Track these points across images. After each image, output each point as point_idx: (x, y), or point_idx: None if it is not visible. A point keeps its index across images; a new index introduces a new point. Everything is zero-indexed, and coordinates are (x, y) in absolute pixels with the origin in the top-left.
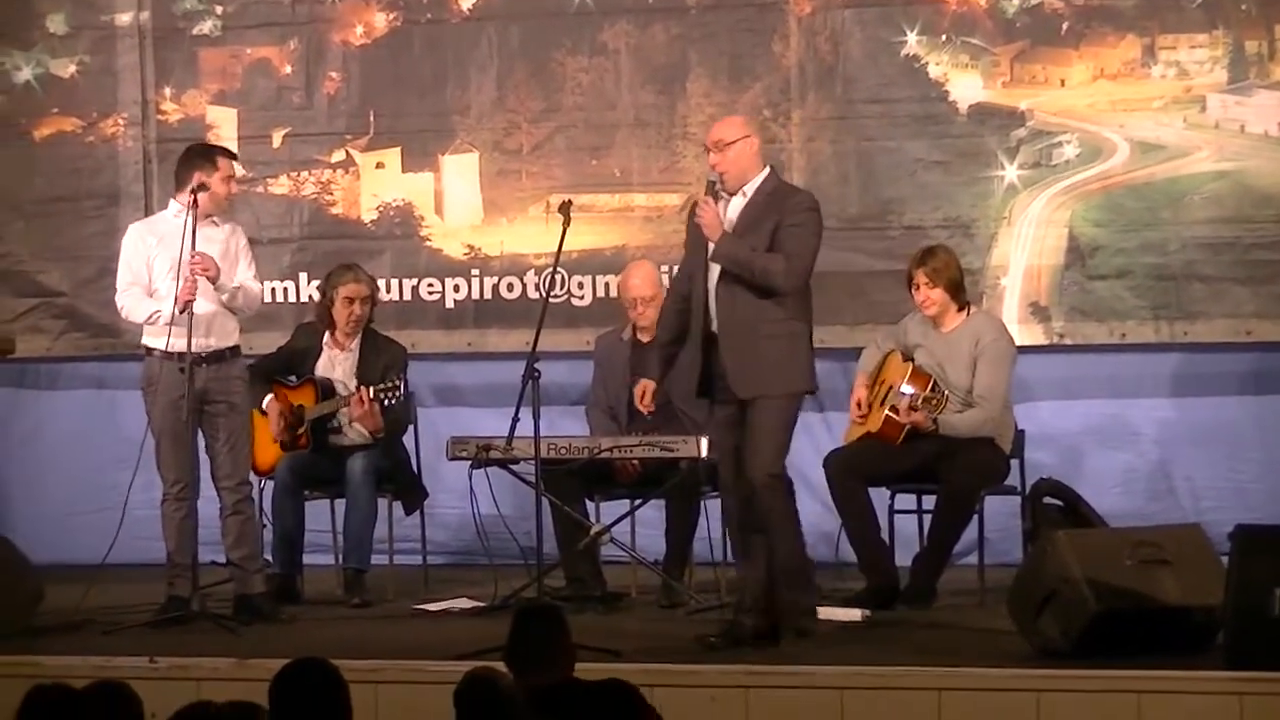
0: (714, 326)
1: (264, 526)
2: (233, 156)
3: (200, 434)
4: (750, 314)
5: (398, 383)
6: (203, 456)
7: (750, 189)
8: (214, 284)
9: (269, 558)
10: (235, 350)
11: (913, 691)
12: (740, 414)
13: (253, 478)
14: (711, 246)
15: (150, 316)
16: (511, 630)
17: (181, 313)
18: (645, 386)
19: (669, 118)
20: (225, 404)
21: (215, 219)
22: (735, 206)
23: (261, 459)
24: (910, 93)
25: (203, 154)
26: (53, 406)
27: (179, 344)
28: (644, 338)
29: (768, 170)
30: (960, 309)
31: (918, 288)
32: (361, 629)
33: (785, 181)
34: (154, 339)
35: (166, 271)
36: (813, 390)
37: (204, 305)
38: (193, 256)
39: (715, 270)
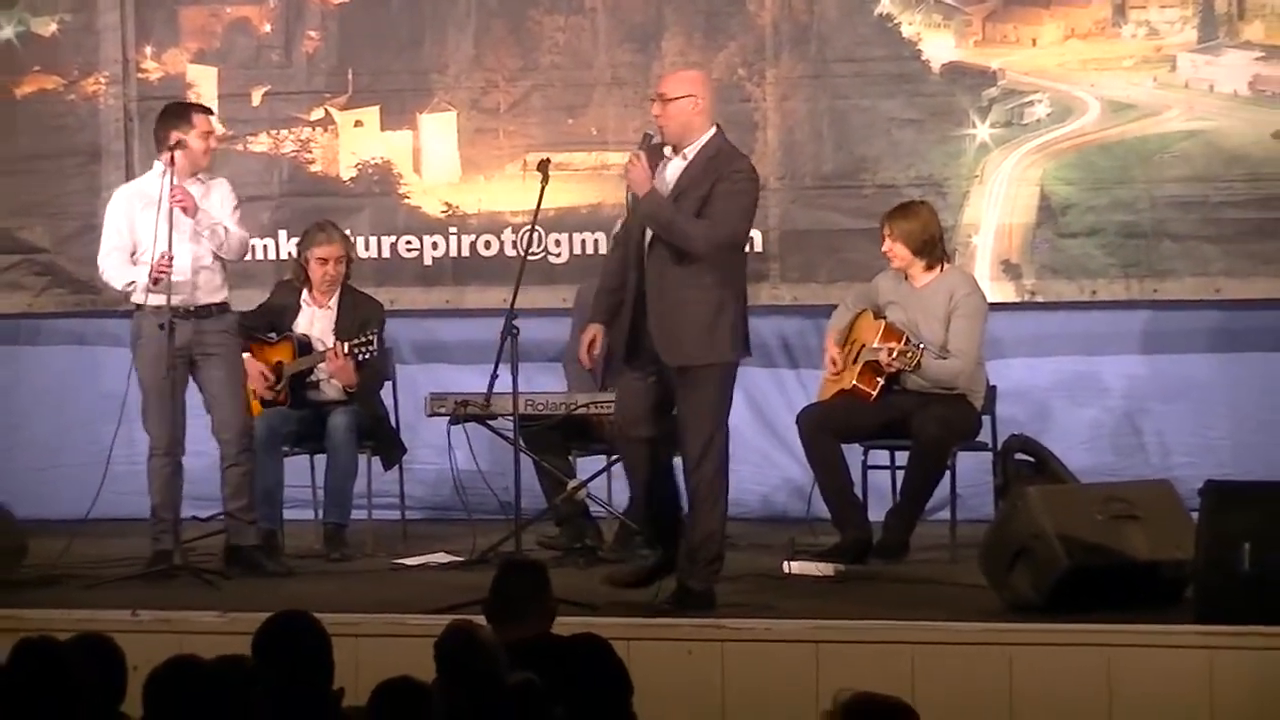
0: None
1: None
2: (209, 112)
3: (198, 389)
4: (675, 279)
5: (371, 337)
6: (198, 411)
7: (691, 151)
8: (192, 217)
9: None
10: (223, 306)
11: (886, 645)
12: (661, 382)
13: None
14: (640, 202)
15: (127, 285)
16: (494, 583)
17: (155, 284)
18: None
19: (645, 77)
20: (216, 357)
21: (200, 176)
22: (675, 168)
23: None
24: (883, 52)
25: (178, 113)
26: (34, 362)
27: (158, 300)
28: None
29: (713, 131)
30: (931, 265)
31: (884, 240)
32: (342, 583)
33: (730, 145)
34: (141, 296)
35: (146, 229)
36: (738, 360)
37: (189, 261)
38: (173, 191)
39: (650, 232)
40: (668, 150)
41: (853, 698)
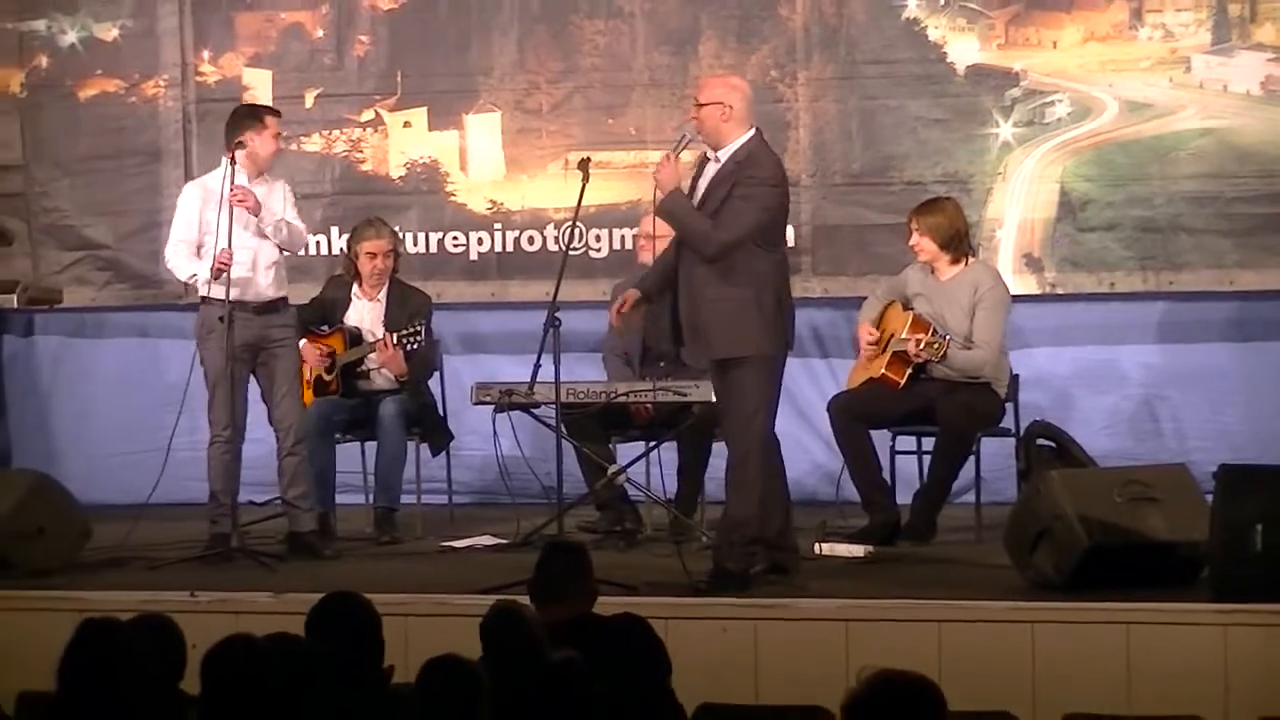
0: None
1: None
2: (278, 115)
3: (256, 380)
4: (701, 277)
5: (419, 328)
6: (255, 401)
7: (725, 154)
8: (255, 215)
9: None
10: (285, 301)
11: (914, 623)
12: (717, 371)
13: None
14: (660, 200)
15: (189, 277)
16: (538, 565)
17: (216, 279)
18: (630, 296)
19: (681, 78)
20: (278, 352)
21: (266, 175)
22: (709, 172)
23: None
24: (910, 54)
25: (251, 114)
26: (98, 354)
27: (231, 293)
28: (616, 321)
29: (749, 135)
30: (957, 259)
31: (911, 235)
32: (392, 565)
33: (761, 149)
34: (204, 290)
35: (215, 226)
36: (776, 353)
37: (250, 257)
38: (233, 190)
39: None
40: (709, 152)
41: (877, 675)
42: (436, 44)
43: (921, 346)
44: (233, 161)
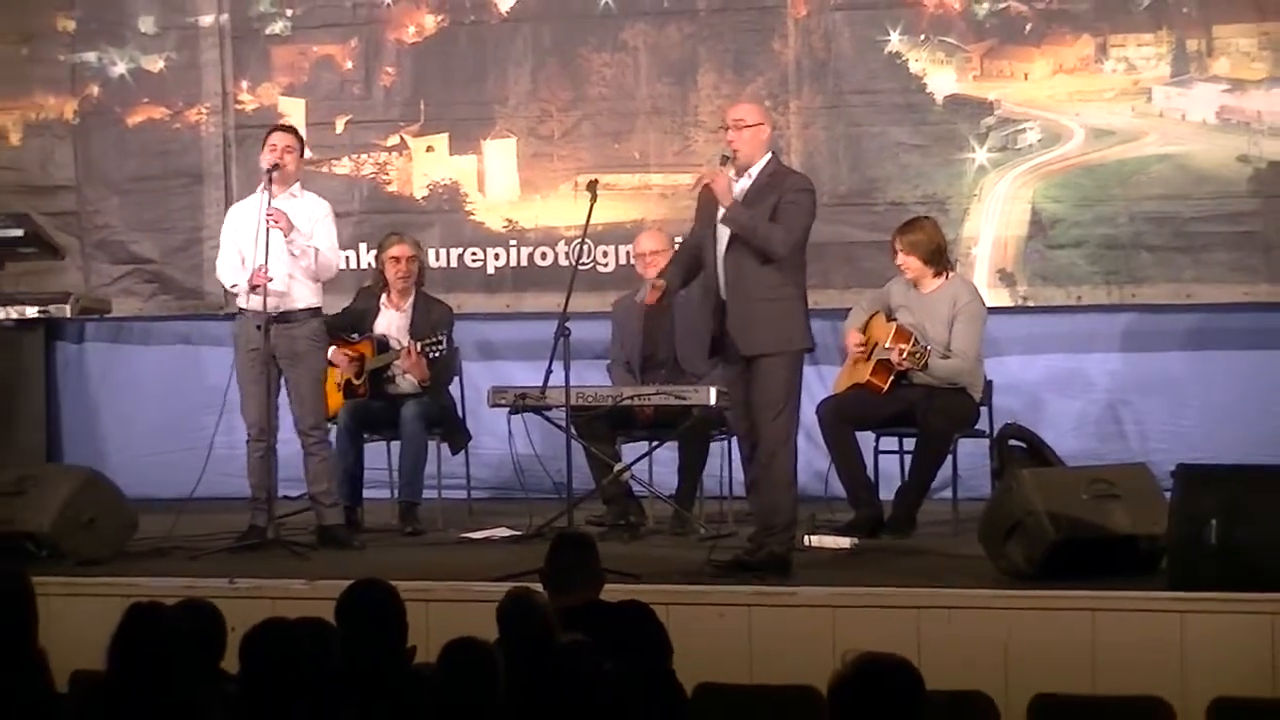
0: (724, 294)
1: None
2: (281, 129)
3: (283, 385)
4: (751, 280)
5: (440, 338)
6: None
7: (755, 170)
8: (286, 235)
9: None
10: (312, 311)
11: (895, 610)
12: (747, 371)
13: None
14: (722, 211)
15: (233, 286)
16: (549, 555)
17: (251, 291)
18: (657, 285)
19: (682, 107)
20: (301, 359)
21: (293, 191)
22: (740, 186)
23: (329, 405)
24: (893, 85)
25: (263, 138)
26: (145, 360)
27: (256, 304)
28: (654, 297)
29: (770, 155)
30: (938, 274)
31: (896, 254)
32: (415, 554)
33: (785, 165)
34: (241, 301)
35: (247, 241)
36: (809, 348)
37: (280, 272)
38: (269, 212)
39: (723, 241)
40: (732, 172)
41: (861, 657)
42: (456, 75)
43: (904, 356)
44: (268, 181)
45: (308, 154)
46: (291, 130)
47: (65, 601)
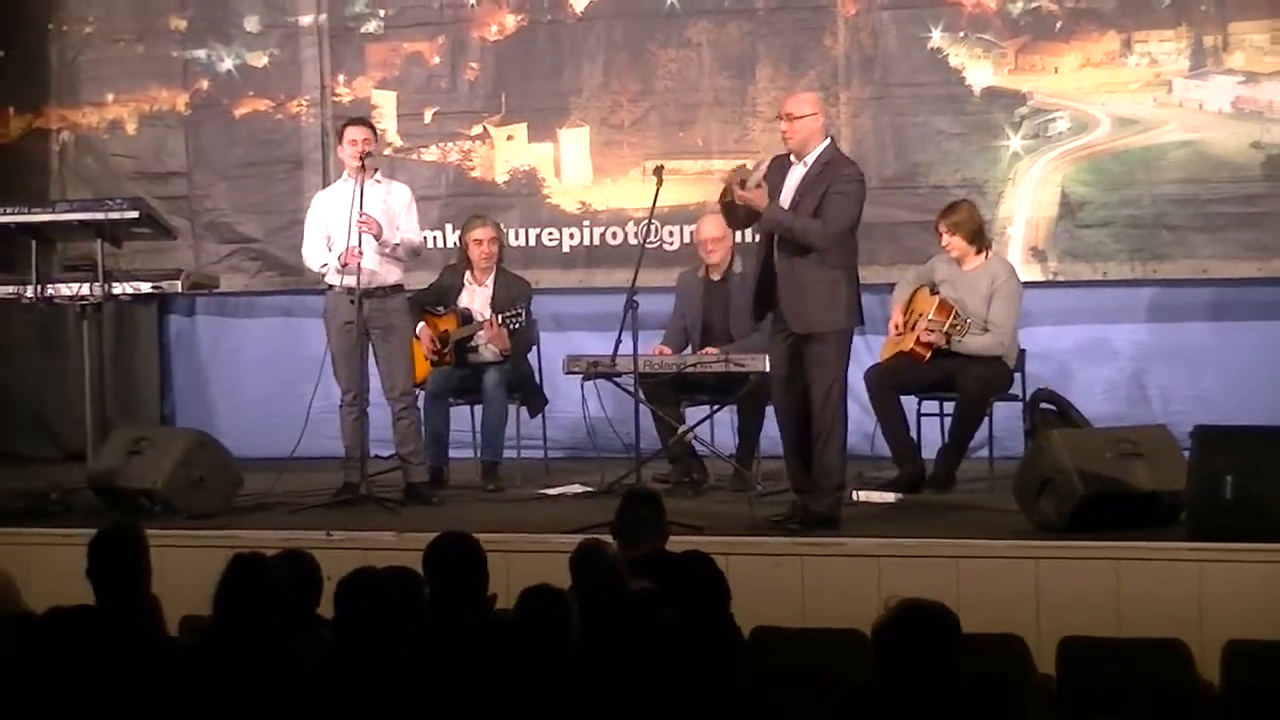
0: (777, 269)
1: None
2: (357, 123)
3: (373, 354)
4: (801, 265)
5: (519, 311)
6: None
7: (810, 159)
8: (377, 239)
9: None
10: (397, 287)
11: (937, 559)
12: (797, 346)
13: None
14: (762, 218)
15: (321, 267)
16: (619, 509)
17: (343, 269)
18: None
19: (741, 98)
20: (390, 330)
21: (378, 178)
22: (797, 174)
23: (417, 372)
24: (935, 78)
25: (340, 128)
26: (250, 331)
27: (349, 281)
28: (714, 275)
29: (828, 142)
30: (979, 251)
31: (941, 235)
32: (495, 509)
33: (841, 153)
34: (332, 278)
35: (338, 224)
36: (853, 326)
37: (370, 251)
38: (361, 216)
39: None
40: (793, 158)
41: (903, 602)
42: (535, 70)
43: (948, 327)
44: (362, 170)
45: (399, 141)
46: (366, 122)
47: (176, 553)
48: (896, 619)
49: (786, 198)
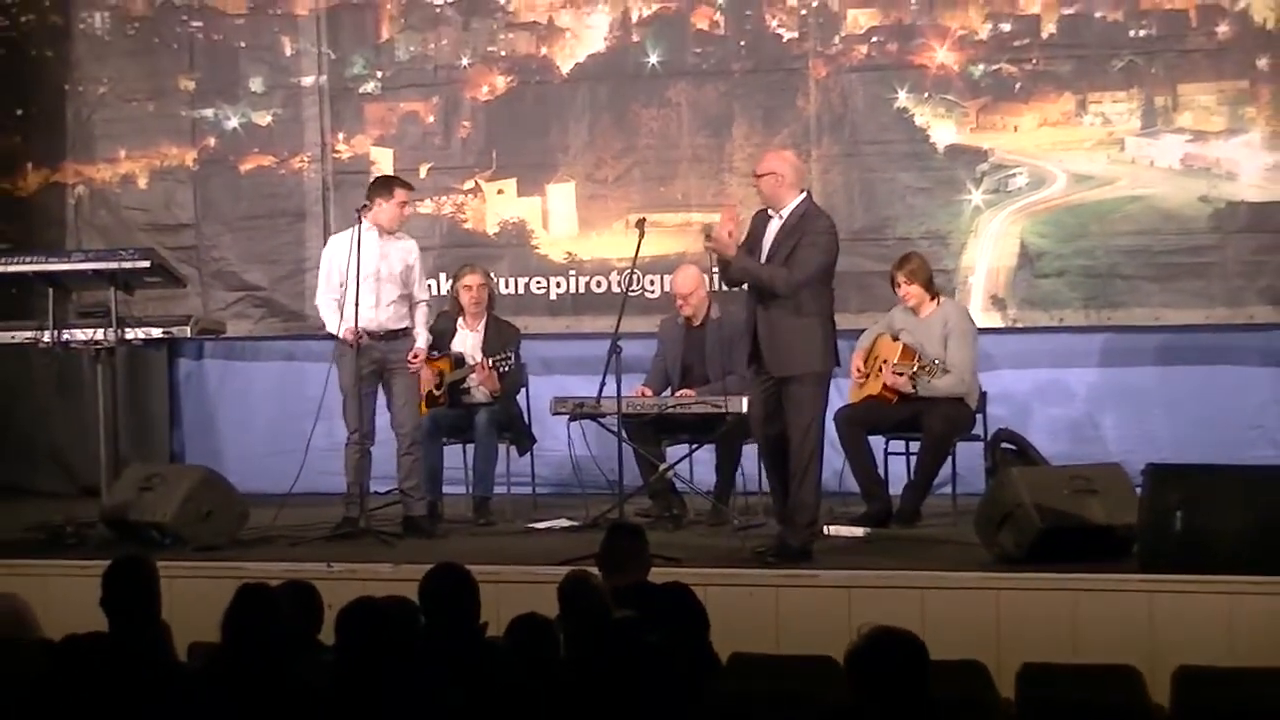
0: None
1: None
2: (409, 188)
3: (384, 392)
4: (775, 311)
5: (509, 355)
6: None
7: (786, 212)
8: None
9: None
10: (406, 330)
11: (903, 590)
12: (775, 389)
13: None
14: (732, 267)
15: (332, 324)
16: (604, 542)
17: (352, 345)
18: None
19: (719, 155)
20: (400, 371)
21: (395, 235)
22: (774, 226)
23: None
24: (901, 136)
25: (384, 184)
26: (254, 373)
27: (363, 324)
28: (694, 322)
29: (804, 196)
30: (932, 298)
31: (899, 285)
32: (486, 542)
33: (815, 206)
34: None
35: (351, 271)
36: (829, 369)
37: (386, 299)
38: (414, 355)
39: None
40: (770, 211)
41: (873, 630)
42: (524, 128)
43: (915, 371)
44: (358, 220)
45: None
46: (409, 187)
47: (185, 582)
48: (868, 646)
49: (765, 248)
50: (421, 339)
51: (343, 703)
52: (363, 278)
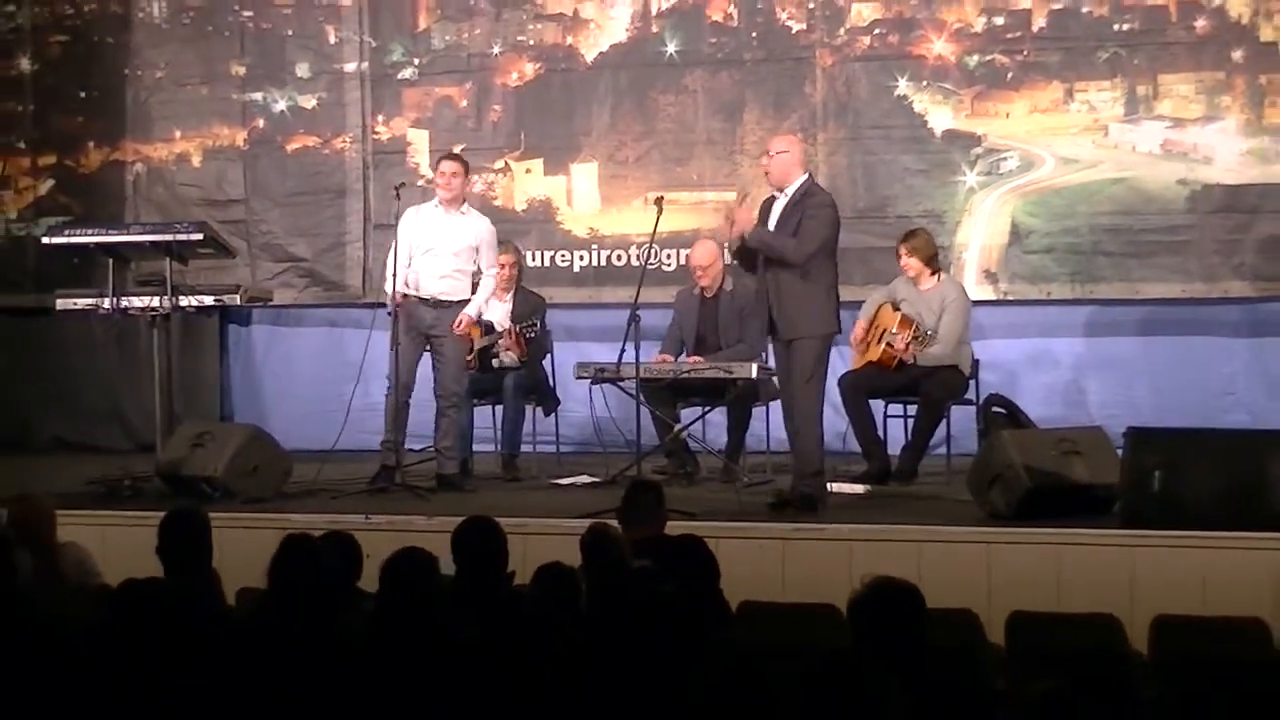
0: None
1: None
2: (453, 158)
3: (431, 356)
4: (785, 279)
5: (535, 323)
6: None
7: (790, 190)
8: (466, 342)
9: None
10: (462, 302)
11: (901, 543)
12: (788, 349)
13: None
14: (749, 234)
15: (390, 296)
16: (623, 497)
17: (391, 314)
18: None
19: (731, 138)
20: (441, 337)
21: (462, 210)
22: (779, 204)
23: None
24: (901, 122)
25: (437, 161)
26: (299, 340)
27: (414, 294)
28: (707, 293)
29: (806, 176)
30: (934, 273)
31: (900, 256)
32: (514, 496)
33: (817, 185)
34: (403, 289)
35: (419, 244)
36: (832, 332)
37: (442, 272)
38: (460, 329)
39: None
40: (774, 192)
41: (874, 580)
42: (550, 112)
43: (911, 339)
44: (396, 197)
45: (432, 175)
46: (458, 158)
47: (234, 533)
48: (868, 595)
49: (771, 223)
50: (473, 308)
51: (381, 645)
52: (425, 250)
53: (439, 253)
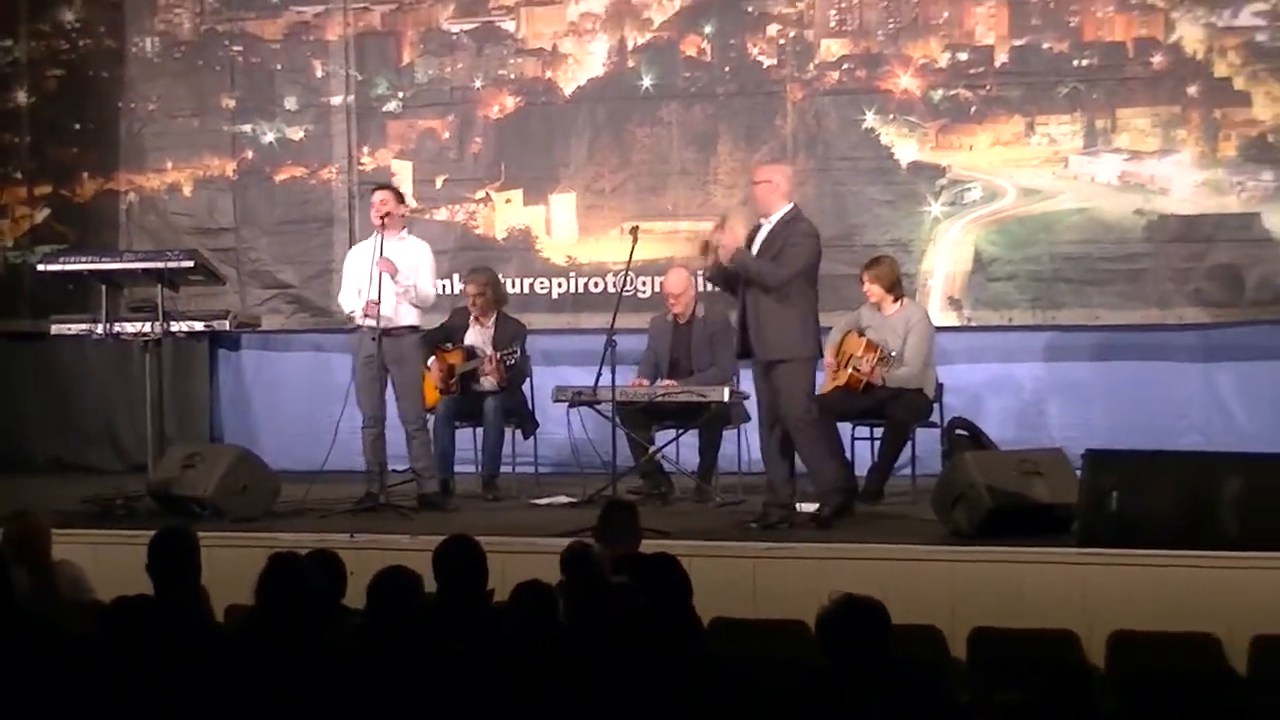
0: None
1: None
2: (382, 188)
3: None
4: (764, 303)
5: (515, 349)
6: None
7: (775, 218)
8: (393, 278)
9: None
10: (412, 328)
11: (867, 560)
12: (765, 372)
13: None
14: (731, 258)
15: (350, 312)
16: (600, 516)
17: (365, 316)
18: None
19: (705, 169)
20: (402, 365)
21: (400, 235)
22: (764, 231)
23: (428, 399)
24: (869, 153)
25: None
26: (286, 363)
27: (370, 324)
28: (681, 319)
29: (790, 206)
30: (896, 299)
31: (864, 284)
32: (494, 516)
33: (801, 216)
34: (359, 320)
35: (363, 274)
36: (812, 355)
37: (389, 300)
38: (381, 259)
39: None
40: (760, 220)
41: (841, 597)
42: (530, 144)
43: (877, 363)
44: (382, 228)
45: (415, 204)
46: (389, 187)
47: (222, 551)
48: (836, 611)
49: (755, 250)
50: (407, 279)
51: (365, 660)
52: (370, 280)
53: (388, 284)
